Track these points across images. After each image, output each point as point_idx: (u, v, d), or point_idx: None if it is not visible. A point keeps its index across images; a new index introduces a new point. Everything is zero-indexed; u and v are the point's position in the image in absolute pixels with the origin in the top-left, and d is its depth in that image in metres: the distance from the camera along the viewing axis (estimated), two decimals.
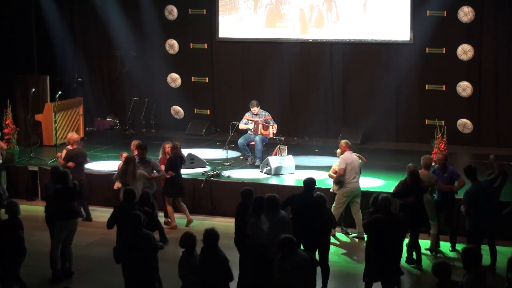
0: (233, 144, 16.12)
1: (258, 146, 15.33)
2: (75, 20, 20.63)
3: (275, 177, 14.52)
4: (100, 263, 11.45)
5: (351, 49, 18.36)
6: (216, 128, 19.53)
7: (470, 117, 17.59)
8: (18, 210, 9.82)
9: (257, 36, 18.98)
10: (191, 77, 19.82)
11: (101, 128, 20.27)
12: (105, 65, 20.69)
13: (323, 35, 18.42)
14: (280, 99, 19.07)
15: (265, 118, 15.57)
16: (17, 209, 9.81)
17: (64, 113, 17.95)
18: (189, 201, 14.36)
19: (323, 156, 16.42)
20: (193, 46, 19.63)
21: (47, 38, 19.71)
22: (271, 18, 18.79)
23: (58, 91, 17.14)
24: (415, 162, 14.30)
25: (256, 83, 19.09)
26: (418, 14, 17.50)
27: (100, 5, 19.76)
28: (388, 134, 18.27)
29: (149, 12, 19.61)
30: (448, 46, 17.49)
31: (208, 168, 15.16)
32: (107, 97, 20.81)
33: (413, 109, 18.10)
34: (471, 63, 17.38)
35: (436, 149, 13.40)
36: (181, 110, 19.98)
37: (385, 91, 18.04)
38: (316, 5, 18.33)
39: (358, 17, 18.02)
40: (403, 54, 17.86)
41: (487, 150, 16.85)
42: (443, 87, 17.68)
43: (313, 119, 18.79)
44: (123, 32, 19.76)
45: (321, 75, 18.66)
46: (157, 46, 19.87)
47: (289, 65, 18.93)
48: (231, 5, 19.05)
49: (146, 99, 19.95)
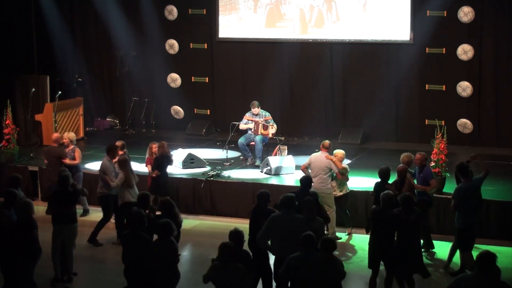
0: (233, 144, 16.12)
1: (258, 146, 15.34)
2: (75, 20, 20.63)
3: (275, 177, 14.52)
4: (102, 264, 11.44)
5: (351, 49, 18.36)
6: (216, 128, 19.53)
7: (470, 117, 17.59)
8: (32, 209, 9.73)
9: (257, 36, 18.98)
10: (191, 77, 19.83)
11: (101, 128, 20.27)
12: (105, 65, 20.69)
13: (323, 35, 18.42)
14: (280, 99, 19.07)
15: (265, 119, 15.57)
16: (31, 208, 9.72)
17: (64, 113, 17.94)
18: (189, 201, 14.39)
19: None
20: (193, 46, 19.64)
21: (47, 38, 19.73)
22: (271, 18, 18.79)
23: (58, 91, 17.17)
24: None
25: (256, 83, 19.09)
26: (418, 14, 17.50)
27: (100, 5, 19.78)
28: (388, 134, 18.27)
29: (149, 12, 19.62)
30: (448, 46, 17.49)
31: (208, 168, 15.16)
32: (107, 97, 20.81)
33: (413, 109, 18.10)
34: (471, 63, 17.38)
35: (436, 149, 13.37)
36: (181, 110, 19.98)
37: (385, 91, 18.04)
38: (316, 5, 18.34)
39: (358, 17, 18.02)
40: (403, 54, 17.86)
41: (487, 150, 16.90)
42: (443, 87, 17.68)
43: (313, 119, 18.79)
44: (123, 32, 19.77)
45: (321, 75, 18.66)
46: (157, 46, 19.88)
47: (289, 65, 18.93)
48: (231, 5, 19.05)
49: (146, 99, 19.96)
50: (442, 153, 13.28)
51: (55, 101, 16.98)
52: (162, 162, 13.29)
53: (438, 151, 13.30)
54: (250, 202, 13.97)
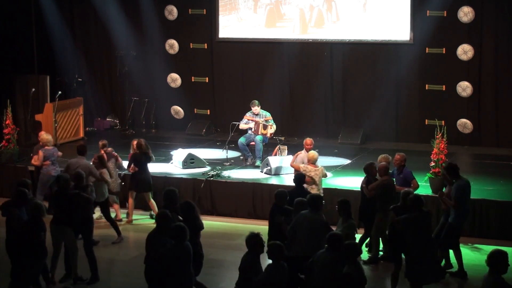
0: (233, 144, 16.12)
1: (258, 146, 15.34)
2: (75, 20, 20.63)
3: (275, 177, 14.52)
4: (103, 264, 11.42)
5: (351, 49, 18.36)
6: (216, 128, 19.53)
7: (470, 117, 17.59)
8: (42, 211, 9.63)
9: (257, 36, 18.98)
10: (191, 77, 19.83)
11: (101, 128, 20.27)
12: (105, 65, 20.69)
13: (323, 35, 18.42)
14: (280, 99, 19.07)
15: (265, 119, 15.57)
16: (41, 210, 9.62)
17: (64, 113, 17.94)
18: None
19: (323, 156, 16.38)
20: (193, 46, 19.64)
21: (47, 38, 19.72)
22: (271, 18, 18.79)
23: (58, 91, 17.16)
24: (415, 162, 14.38)
25: (256, 83, 19.09)
26: (418, 14, 17.50)
27: (100, 5, 19.76)
28: (388, 134, 18.26)
29: (149, 12, 19.61)
30: (448, 46, 17.49)
31: (208, 168, 15.16)
32: (107, 97, 20.81)
33: (413, 109, 18.10)
34: (471, 63, 17.38)
35: (436, 149, 13.37)
36: (181, 110, 19.98)
37: (385, 91, 18.04)
38: (316, 5, 18.34)
39: (358, 17, 18.02)
40: (403, 54, 17.86)
41: (487, 150, 16.93)
42: (443, 87, 17.68)
43: (313, 119, 18.79)
44: (123, 32, 19.77)
45: (321, 75, 18.66)
46: (157, 46, 19.88)
47: (289, 65, 18.94)
48: (231, 5, 19.05)
49: (146, 99, 19.96)
50: (442, 153, 13.27)
51: (55, 101, 16.97)
52: (139, 159, 13.37)
53: (438, 151, 13.29)
54: (250, 202, 14.01)
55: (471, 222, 12.61)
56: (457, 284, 10.76)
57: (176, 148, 16.27)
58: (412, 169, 12.14)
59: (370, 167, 11.67)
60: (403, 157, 11.97)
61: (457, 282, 10.78)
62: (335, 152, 16.86)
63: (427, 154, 13.94)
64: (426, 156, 13.97)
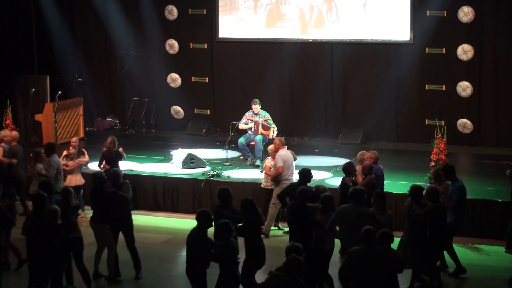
0: (233, 144, 16.12)
1: (258, 146, 15.34)
2: (75, 20, 20.63)
3: None
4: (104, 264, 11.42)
5: (351, 49, 18.36)
6: (216, 128, 19.53)
7: (470, 117, 17.59)
8: (57, 216, 9.37)
9: (257, 36, 18.98)
10: (191, 77, 19.82)
11: (101, 128, 20.27)
12: (105, 65, 20.69)
13: (323, 35, 18.42)
14: (280, 99, 19.07)
15: (265, 119, 15.57)
16: (57, 216, 9.36)
17: (64, 113, 17.92)
18: (189, 201, 14.38)
19: (323, 156, 16.43)
20: (193, 46, 19.63)
21: (47, 38, 19.72)
22: (271, 18, 18.79)
23: (58, 91, 17.15)
24: (415, 162, 14.39)
25: (256, 83, 19.09)
26: (418, 14, 17.50)
27: (100, 5, 19.76)
28: (388, 134, 18.26)
29: (149, 12, 19.61)
30: (448, 46, 17.49)
31: (208, 168, 15.16)
32: (107, 97, 20.81)
33: (413, 109, 18.09)
34: (471, 63, 17.37)
35: (436, 149, 13.37)
36: (181, 110, 19.98)
37: (385, 91, 18.04)
38: (316, 5, 18.33)
39: (358, 17, 18.02)
40: (403, 54, 17.86)
41: (487, 150, 16.93)
42: (443, 87, 17.68)
43: (313, 119, 18.79)
44: (123, 32, 19.76)
45: (321, 75, 18.65)
46: (157, 46, 19.88)
47: (289, 65, 18.93)
48: (231, 5, 19.05)
49: (146, 99, 19.96)
50: (442, 153, 13.28)
51: (55, 101, 16.96)
52: (110, 157, 13.40)
53: (438, 151, 13.30)
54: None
55: (471, 222, 12.61)
56: (457, 284, 10.75)
57: (176, 148, 16.26)
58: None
59: (349, 167, 11.59)
60: (375, 155, 12.04)
61: (457, 282, 10.77)
62: (335, 152, 16.86)
63: (427, 154, 13.94)
64: (426, 156, 13.97)
